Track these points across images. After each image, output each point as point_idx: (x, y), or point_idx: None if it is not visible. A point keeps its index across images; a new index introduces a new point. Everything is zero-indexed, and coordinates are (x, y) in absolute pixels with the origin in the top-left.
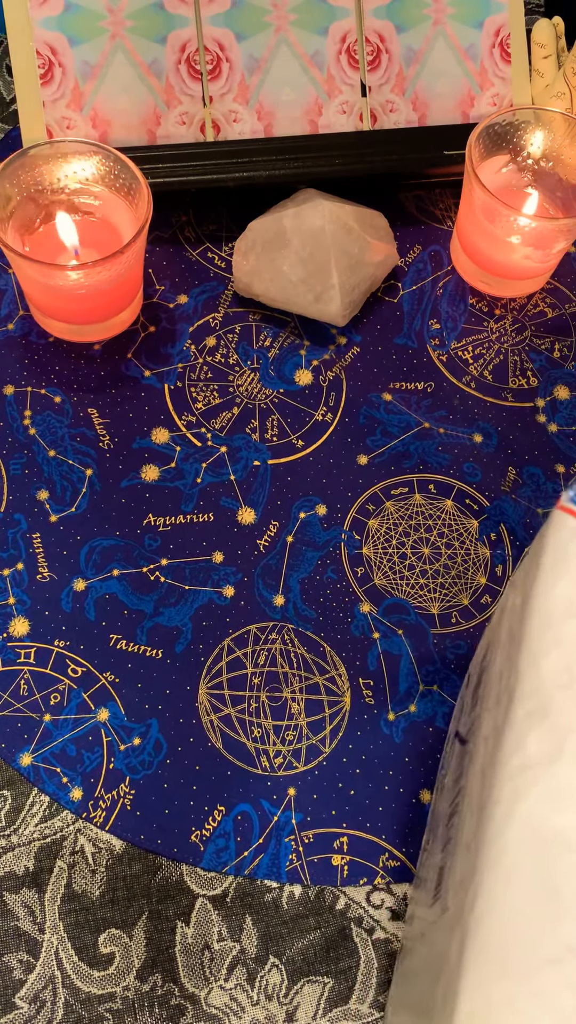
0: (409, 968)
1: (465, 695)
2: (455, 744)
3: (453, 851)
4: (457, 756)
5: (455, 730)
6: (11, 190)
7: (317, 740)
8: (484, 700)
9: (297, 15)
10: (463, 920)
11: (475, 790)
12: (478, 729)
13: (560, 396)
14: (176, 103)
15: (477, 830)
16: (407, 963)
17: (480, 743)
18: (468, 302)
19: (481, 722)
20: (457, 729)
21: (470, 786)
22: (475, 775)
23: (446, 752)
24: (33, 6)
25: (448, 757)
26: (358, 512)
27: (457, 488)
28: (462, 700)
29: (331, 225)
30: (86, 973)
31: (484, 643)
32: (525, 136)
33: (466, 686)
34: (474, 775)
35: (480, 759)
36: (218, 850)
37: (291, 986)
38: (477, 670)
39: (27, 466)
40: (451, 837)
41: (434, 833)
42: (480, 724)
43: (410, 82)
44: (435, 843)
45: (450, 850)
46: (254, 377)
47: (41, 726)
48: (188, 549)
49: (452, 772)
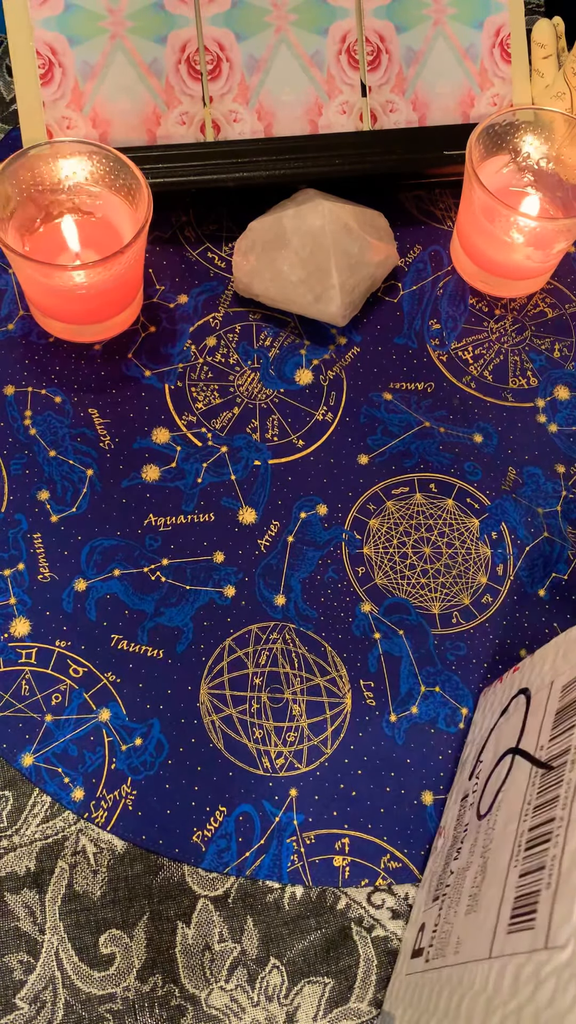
0: (442, 979)
1: (527, 711)
2: (515, 761)
3: (553, 884)
4: (531, 779)
5: (510, 747)
6: (11, 190)
7: (318, 741)
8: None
9: (297, 15)
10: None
11: None
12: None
13: (560, 396)
14: (176, 103)
15: None
16: (436, 971)
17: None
18: (468, 302)
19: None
20: (519, 747)
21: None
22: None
23: (483, 763)
24: (33, 6)
25: (490, 770)
26: (359, 512)
27: (458, 487)
28: (519, 715)
29: (331, 225)
30: (86, 974)
31: (562, 664)
32: (525, 136)
33: (519, 698)
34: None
35: None
36: (219, 851)
37: (291, 987)
38: (552, 690)
39: (28, 466)
40: (545, 866)
41: (478, 846)
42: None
43: (410, 82)
44: (483, 858)
45: (547, 881)
46: (254, 377)
47: (43, 726)
48: (189, 549)
49: (521, 794)
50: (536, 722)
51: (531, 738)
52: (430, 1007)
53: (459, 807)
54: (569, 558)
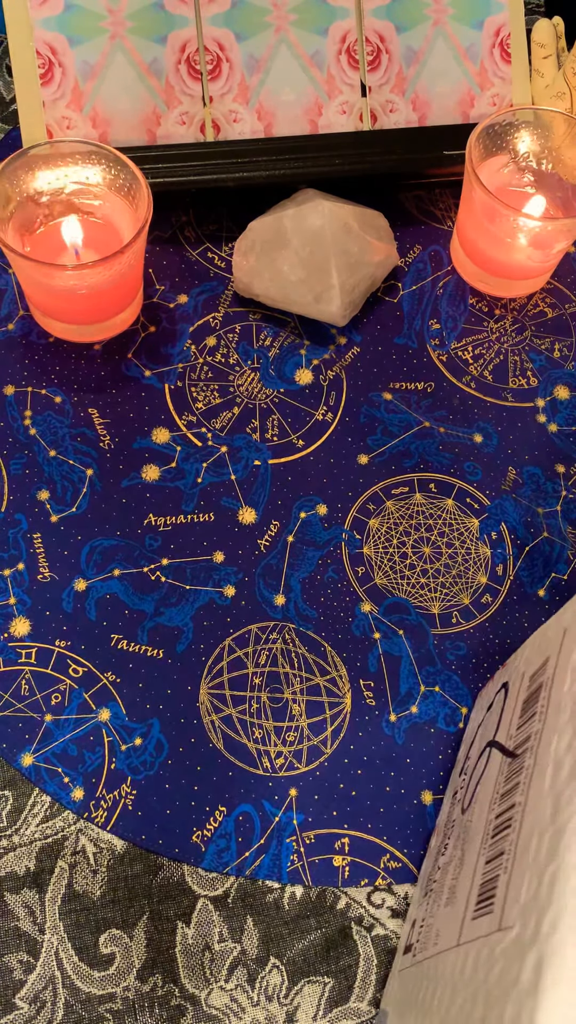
0: (422, 972)
1: (504, 704)
2: (491, 753)
3: (508, 867)
4: (500, 768)
5: (488, 740)
6: (11, 190)
7: (318, 741)
8: (549, 717)
9: (297, 15)
10: (538, 943)
11: (544, 811)
12: (541, 746)
13: (560, 396)
14: (176, 103)
15: (551, 853)
16: (418, 965)
17: (548, 762)
18: (468, 302)
19: (545, 739)
20: (495, 739)
21: (534, 805)
22: (542, 795)
23: (470, 758)
24: (33, 6)
25: (475, 764)
26: (359, 511)
27: (458, 487)
28: (497, 709)
29: (331, 225)
30: (86, 973)
31: (533, 655)
32: (525, 136)
33: (500, 692)
34: (540, 795)
35: (549, 779)
36: (219, 851)
37: (291, 987)
38: (523, 681)
39: (28, 466)
40: (505, 851)
41: (460, 840)
42: (544, 741)
43: (410, 82)
44: (461, 851)
45: (505, 866)
46: (254, 377)
47: (42, 726)
48: (189, 549)
49: (492, 783)
50: (509, 713)
51: (504, 729)
52: (413, 1001)
53: (451, 804)
54: (569, 558)
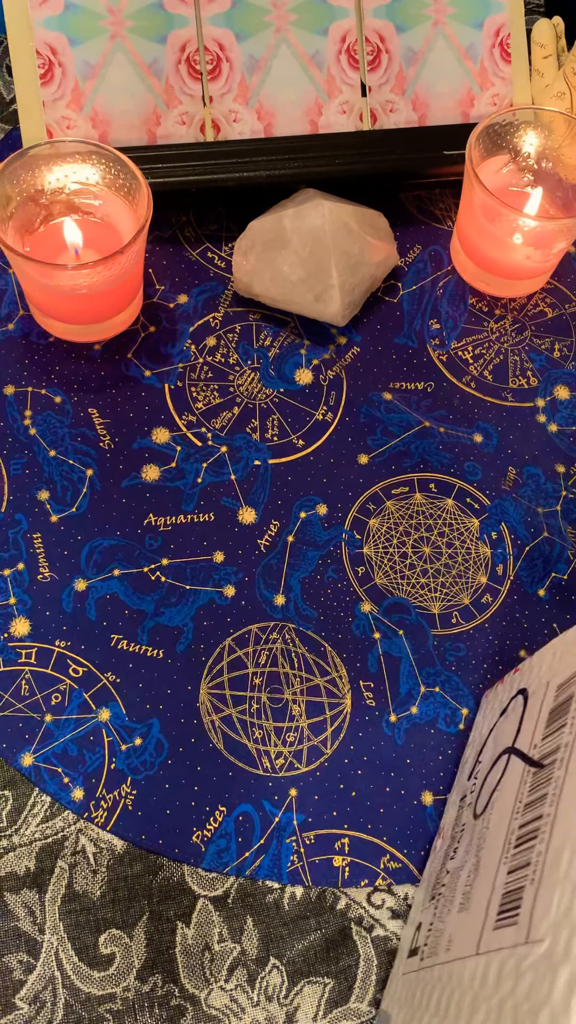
0: (434, 976)
1: (524, 711)
2: (510, 761)
3: (536, 879)
4: (523, 777)
5: (506, 746)
6: (11, 190)
7: (318, 741)
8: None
9: (297, 15)
10: (571, 960)
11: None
12: (573, 759)
13: (560, 396)
14: (176, 103)
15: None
16: (428, 970)
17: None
18: (468, 302)
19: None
20: (514, 747)
21: (564, 818)
22: (575, 809)
23: (482, 763)
24: (33, 6)
25: (487, 770)
26: (359, 511)
27: (458, 487)
28: (515, 715)
29: (331, 225)
30: (86, 974)
31: (559, 665)
32: (525, 136)
33: (517, 698)
34: (573, 808)
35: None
36: (219, 851)
37: (291, 987)
38: (548, 690)
39: (28, 466)
40: (531, 862)
41: (473, 846)
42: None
43: (410, 82)
44: (476, 857)
45: (532, 877)
46: (254, 377)
47: (42, 726)
48: (189, 549)
49: (513, 792)
50: (531, 722)
51: (526, 737)
52: (423, 1005)
53: (458, 808)
54: (569, 558)
